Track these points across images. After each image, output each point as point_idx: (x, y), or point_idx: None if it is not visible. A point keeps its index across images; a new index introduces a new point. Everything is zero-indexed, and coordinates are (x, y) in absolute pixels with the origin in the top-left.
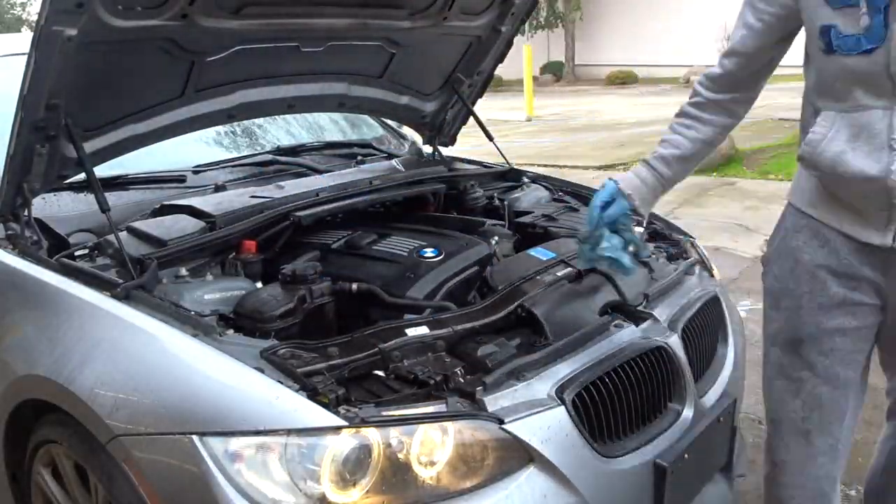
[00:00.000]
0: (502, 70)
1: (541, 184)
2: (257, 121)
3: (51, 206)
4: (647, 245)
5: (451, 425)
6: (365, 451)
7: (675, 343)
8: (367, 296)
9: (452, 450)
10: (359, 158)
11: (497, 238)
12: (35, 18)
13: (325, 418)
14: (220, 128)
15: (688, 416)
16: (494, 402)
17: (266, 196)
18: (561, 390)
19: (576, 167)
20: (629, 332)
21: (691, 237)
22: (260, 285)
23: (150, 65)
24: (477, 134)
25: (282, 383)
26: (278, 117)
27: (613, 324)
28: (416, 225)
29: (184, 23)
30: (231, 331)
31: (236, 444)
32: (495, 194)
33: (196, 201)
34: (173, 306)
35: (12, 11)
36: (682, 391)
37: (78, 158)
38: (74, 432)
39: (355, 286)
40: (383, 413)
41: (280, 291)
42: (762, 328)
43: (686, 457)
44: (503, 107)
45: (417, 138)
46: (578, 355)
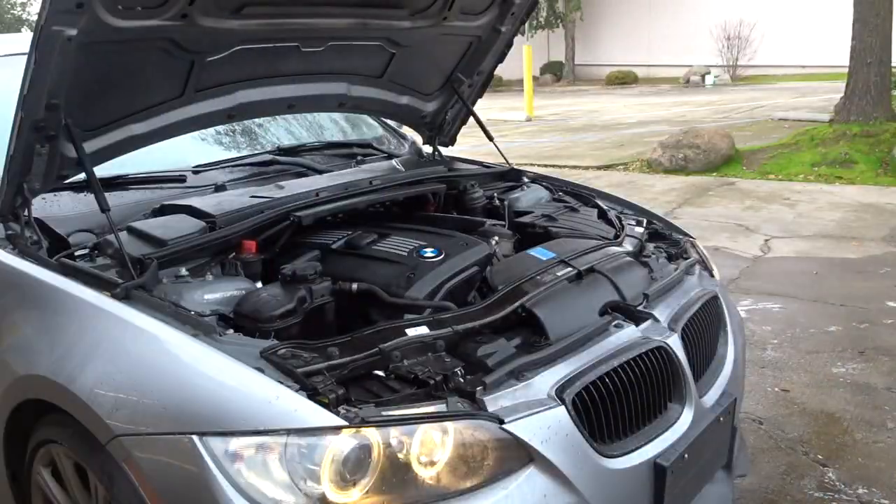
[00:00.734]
0: (502, 70)
1: (541, 184)
2: (257, 121)
3: (51, 206)
4: None
5: (451, 425)
6: (365, 451)
7: (675, 343)
8: (367, 296)
9: (452, 450)
10: (359, 158)
11: (497, 238)
12: (35, 18)
13: (325, 418)
14: (220, 128)
15: (688, 416)
16: (494, 402)
17: (266, 196)
18: (561, 390)
19: (576, 167)
20: (629, 332)
21: (691, 237)
22: (260, 285)
23: (150, 65)
24: (477, 134)
25: (282, 383)
26: (278, 117)
27: (613, 324)
28: (417, 225)
29: (184, 23)
30: (231, 331)
31: (236, 444)
32: (495, 194)
33: (196, 201)
34: (173, 306)
35: (12, 11)
36: (682, 391)
37: (78, 158)
38: (74, 432)
39: (355, 286)
40: (383, 413)
41: (280, 291)
42: None
43: (686, 457)
44: (503, 107)
45: (417, 138)
46: (578, 355)
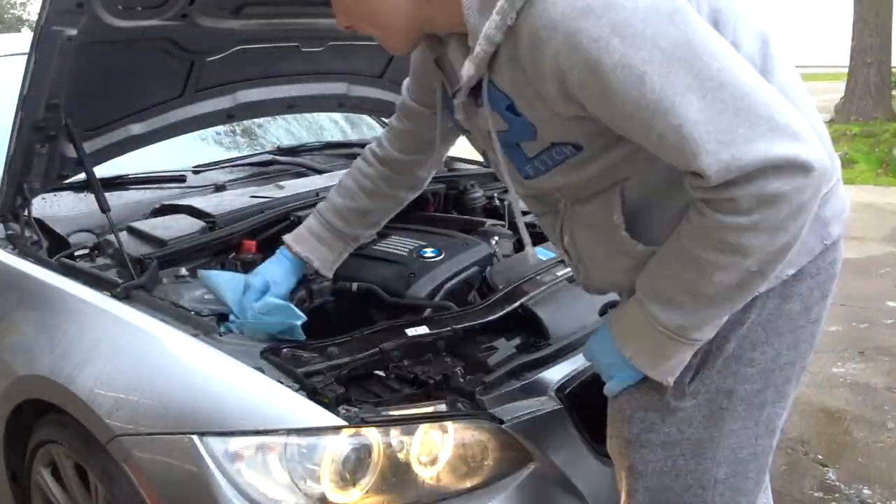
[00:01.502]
0: None
1: None
2: (257, 121)
3: (51, 206)
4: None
5: (451, 425)
6: (365, 450)
7: None
8: (368, 295)
9: (452, 450)
10: None
11: (497, 238)
12: (35, 18)
13: (325, 418)
14: (220, 128)
15: None
16: (494, 402)
17: (266, 196)
18: (561, 390)
19: None
20: None
21: None
22: None
23: (150, 65)
24: None
25: (282, 383)
26: (278, 117)
27: None
28: (417, 225)
29: (184, 23)
30: None
31: (236, 443)
32: (495, 194)
33: (196, 201)
34: (173, 306)
35: (12, 11)
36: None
37: (78, 158)
38: (74, 432)
39: (355, 286)
40: (383, 413)
41: None
42: None
43: None
44: None
45: None
46: (579, 355)
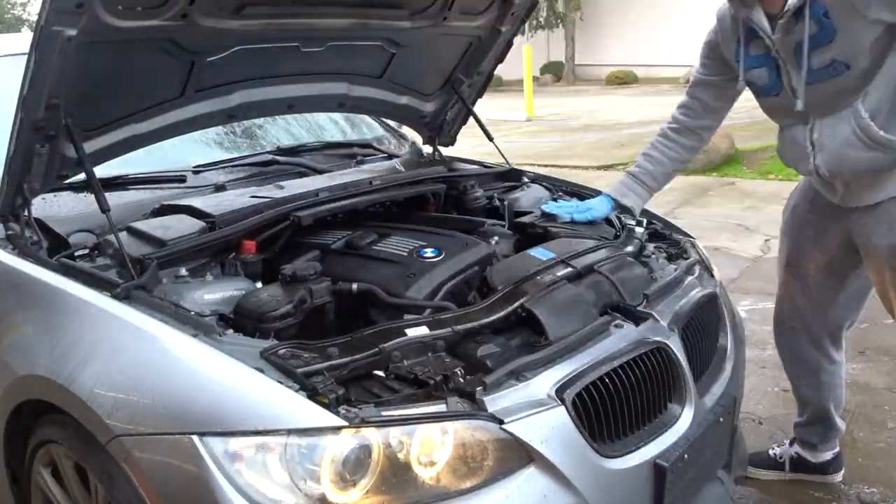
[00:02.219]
0: (502, 70)
1: (541, 184)
2: (257, 121)
3: (51, 207)
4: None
5: (451, 425)
6: (365, 451)
7: (675, 343)
8: (367, 296)
9: (452, 450)
10: (359, 158)
11: (497, 238)
12: (35, 18)
13: (325, 418)
14: (220, 128)
15: (688, 416)
16: (494, 403)
17: (266, 196)
18: (561, 390)
19: (576, 167)
20: (629, 333)
21: (691, 237)
22: (260, 285)
23: (150, 65)
24: (477, 134)
25: (282, 383)
26: (278, 117)
27: (613, 324)
28: (417, 225)
29: (184, 23)
30: (231, 331)
31: (236, 444)
32: (495, 194)
33: (196, 201)
34: (173, 306)
35: (12, 11)
36: (682, 391)
37: (78, 158)
38: (74, 432)
39: (355, 286)
40: (383, 413)
41: (280, 291)
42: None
43: (686, 457)
44: (503, 107)
45: (417, 138)
46: (578, 355)
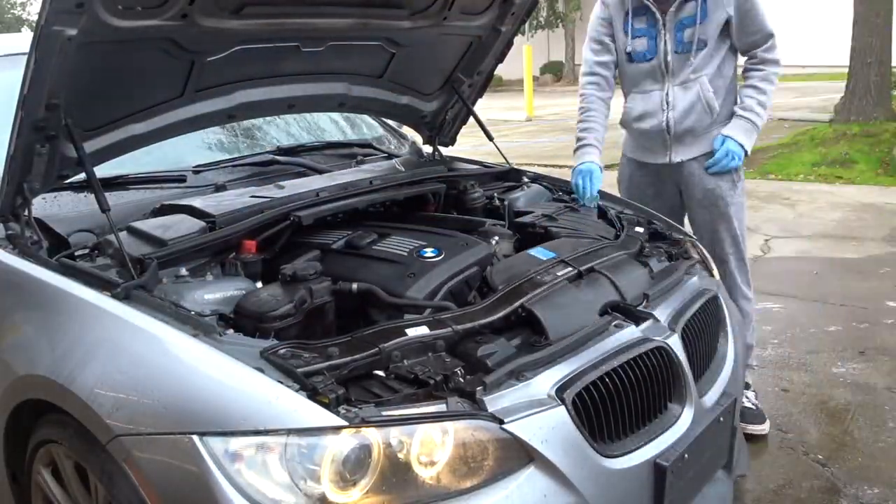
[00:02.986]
0: (502, 70)
1: (541, 184)
2: (257, 121)
3: (51, 206)
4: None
5: (451, 425)
6: (365, 451)
7: (675, 343)
8: (367, 296)
9: (452, 450)
10: (359, 158)
11: (497, 238)
12: (35, 18)
13: (325, 418)
14: (220, 128)
15: (688, 416)
16: (494, 403)
17: (266, 196)
18: (561, 390)
19: None
20: (629, 332)
21: (692, 237)
22: (260, 285)
23: (150, 65)
24: (477, 134)
25: (282, 383)
26: (278, 117)
27: (613, 324)
28: (417, 225)
29: (184, 23)
30: (231, 331)
31: (236, 443)
32: (495, 194)
33: (196, 201)
34: (173, 306)
35: (12, 11)
36: (682, 391)
37: (78, 158)
38: (75, 432)
39: (355, 286)
40: (383, 413)
41: (280, 291)
42: None
43: (686, 457)
44: (503, 107)
45: (417, 138)
46: (578, 355)
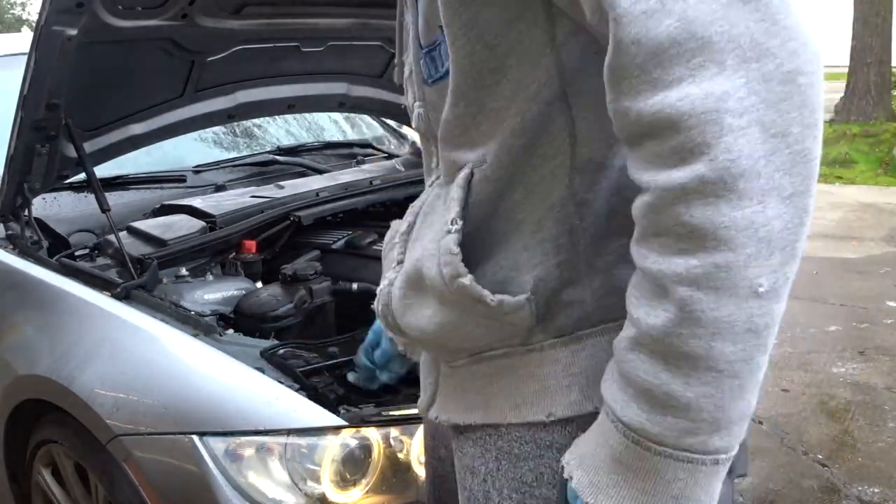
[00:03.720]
0: None
1: None
2: (257, 121)
3: (51, 206)
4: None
5: None
6: (365, 450)
7: None
8: (368, 295)
9: None
10: (359, 158)
11: None
12: (35, 18)
13: (326, 418)
14: (221, 128)
15: None
16: None
17: (266, 196)
18: None
19: None
20: None
21: None
22: (260, 285)
23: (150, 65)
24: None
25: (282, 383)
26: (278, 117)
27: None
28: None
29: (184, 23)
30: (231, 331)
31: (236, 443)
32: None
33: (196, 201)
34: (174, 306)
35: (12, 11)
36: None
37: (78, 158)
38: (75, 432)
39: (355, 286)
40: (383, 413)
41: (280, 291)
42: None
43: None
44: None
45: (417, 138)
46: None
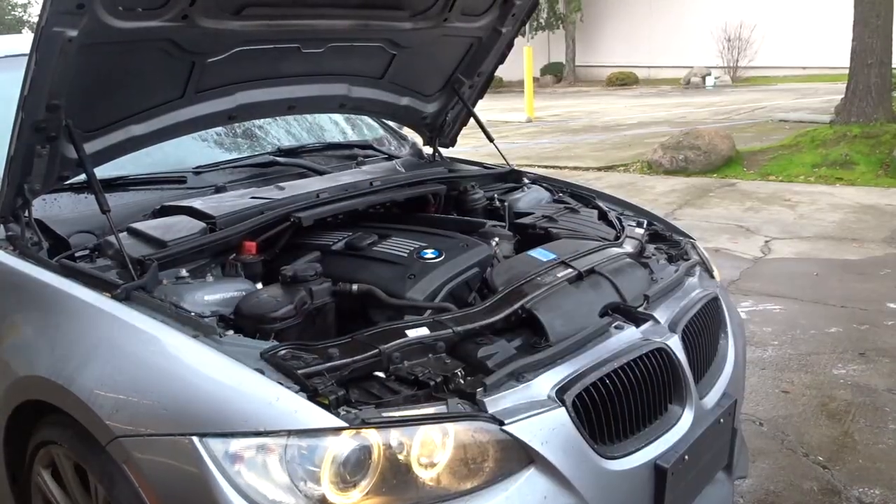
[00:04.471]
0: (503, 71)
1: (541, 185)
2: (257, 122)
3: (51, 207)
4: None
5: (451, 427)
6: (365, 452)
7: (675, 344)
8: (368, 297)
9: (452, 451)
10: (359, 159)
11: (497, 239)
12: (36, 20)
13: (326, 419)
14: (221, 129)
15: (688, 417)
16: (495, 404)
17: (266, 197)
18: (561, 392)
19: (576, 168)
20: (629, 334)
21: (692, 238)
22: (260, 286)
23: (150, 66)
24: (477, 135)
25: (282, 384)
26: (279, 118)
27: (614, 325)
28: (417, 226)
29: (184, 24)
30: (231, 332)
31: (236, 445)
32: (496, 195)
33: (196, 202)
34: (174, 307)
35: (13, 13)
36: (683, 392)
37: (78, 159)
38: (74, 433)
39: (355, 287)
40: (383, 414)
41: (280, 292)
42: None
43: (686, 458)
44: (504, 108)
45: (418, 139)
46: (579, 357)
